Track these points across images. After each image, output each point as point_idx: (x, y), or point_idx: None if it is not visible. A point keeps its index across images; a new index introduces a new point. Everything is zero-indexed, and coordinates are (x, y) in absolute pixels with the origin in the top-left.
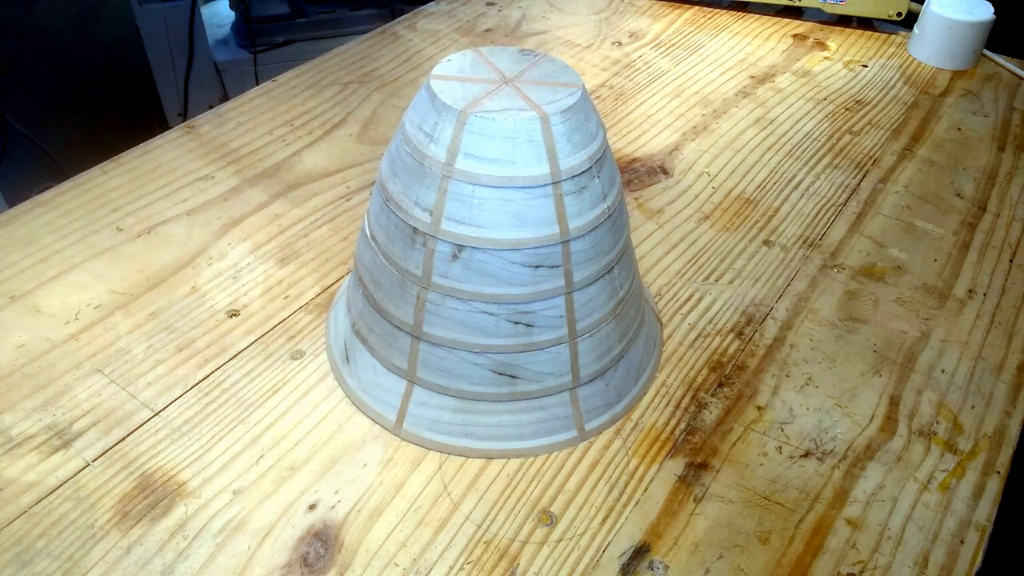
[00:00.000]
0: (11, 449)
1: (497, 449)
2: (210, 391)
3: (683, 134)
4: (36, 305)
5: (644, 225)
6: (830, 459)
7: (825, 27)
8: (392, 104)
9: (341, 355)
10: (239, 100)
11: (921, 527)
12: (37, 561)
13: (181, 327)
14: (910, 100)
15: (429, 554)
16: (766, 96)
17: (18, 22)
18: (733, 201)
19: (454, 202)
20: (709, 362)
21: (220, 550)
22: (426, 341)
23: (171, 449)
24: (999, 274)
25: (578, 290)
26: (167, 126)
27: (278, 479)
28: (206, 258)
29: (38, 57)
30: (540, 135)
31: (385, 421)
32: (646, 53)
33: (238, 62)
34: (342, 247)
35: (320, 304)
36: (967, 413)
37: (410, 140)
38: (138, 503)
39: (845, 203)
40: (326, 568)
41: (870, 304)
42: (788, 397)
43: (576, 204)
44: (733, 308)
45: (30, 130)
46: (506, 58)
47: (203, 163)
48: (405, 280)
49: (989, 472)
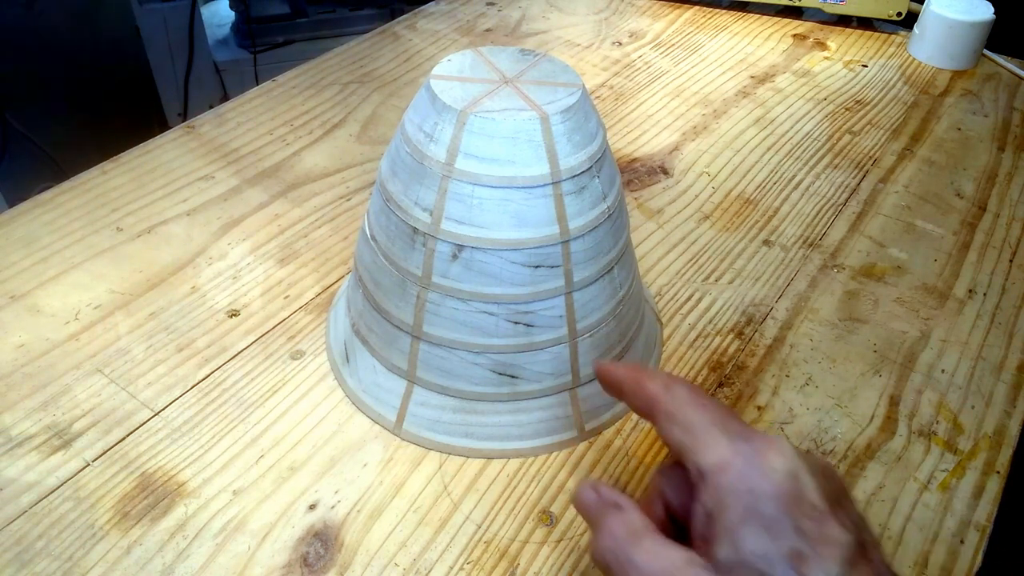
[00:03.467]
0: (11, 449)
1: (497, 449)
2: (210, 391)
3: (683, 134)
4: (36, 305)
5: (644, 225)
6: (830, 459)
7: (825, 27)
8: (392, 104)
9: (341, 355)
10: (239, 100)
11: (921, 527)
12: (37, 561)
13: (181, 327)
14: (910, 100)
15: (429, 554)
16: (766, 96)
17: (18, 22)
18: (733, 201)
19: (454, 202)
20: (709, 362)
21: (220, 550)
22: (426, 341)
23: (171, 449)
24: (999, 274)
25: (578, 290)
26: (167, 126)
27: (278, 479)
28: (206, 258)
29: (38, 57)
30: (540, 135)
31: (385, 421)
32: (646, 53)
33: (238, 62)
34: (342, 247)
35: (320, 304)
36: (967, 413)
37: (410, 140)
38: (138, 503)
39: (845, 203)
40: (326, 568)
41: (870, 304)
42: (788, 397)
43: (576, 204)
44: (733, 308)
45: (30, 130)
46: (506, 58)
47: (203, 163)
48: (405, 280)
49: (989, 472)
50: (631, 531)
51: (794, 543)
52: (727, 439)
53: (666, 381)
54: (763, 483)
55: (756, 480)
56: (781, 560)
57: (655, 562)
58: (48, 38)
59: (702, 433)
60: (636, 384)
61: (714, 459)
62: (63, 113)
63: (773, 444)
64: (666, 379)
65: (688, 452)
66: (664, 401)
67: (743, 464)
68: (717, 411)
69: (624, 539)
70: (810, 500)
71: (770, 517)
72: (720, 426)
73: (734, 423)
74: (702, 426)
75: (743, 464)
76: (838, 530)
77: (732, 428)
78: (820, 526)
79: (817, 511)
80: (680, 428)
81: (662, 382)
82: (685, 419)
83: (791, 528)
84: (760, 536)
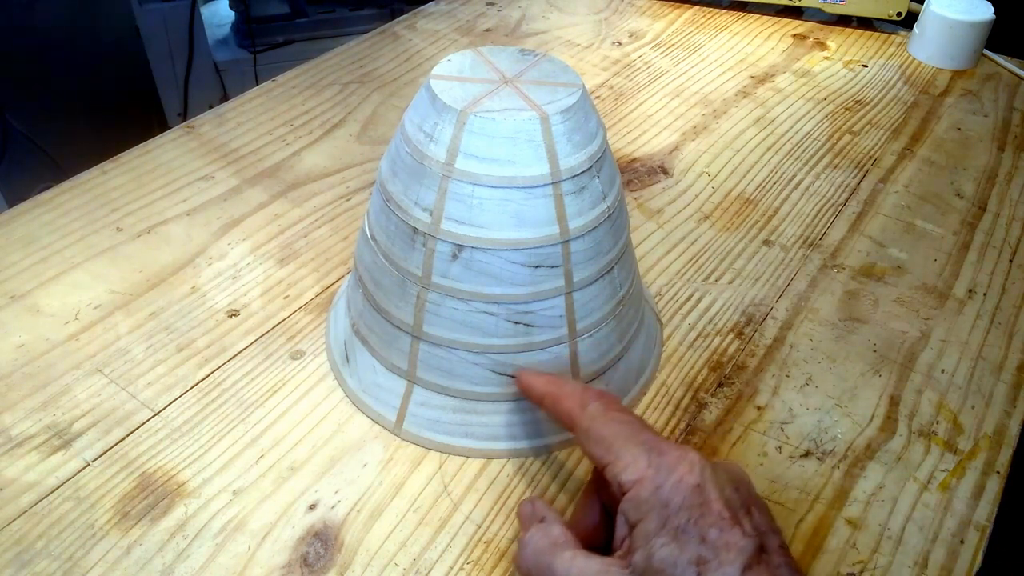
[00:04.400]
0: (11, 449)
1: (497, 449)
2: (210, 391)
3: (683, 134)
4: (36, 305)
5: (644, 225)
6: (830, 459)
7: (825, 27)
8: (392, 104)
9: (341, 355)
10: (239, 100)
11: (921, 527)
12: (37, 561)
13: (181, 327)
14: (910, 100)
15: (429, 554)
16: (766, 96)
17: (18, 22)
18: (733, 201)
19: (454, 202)
20: (709, 362)
21: (220, 550)
22: (426, 341)
23: (171, 449)
24: (999, 274)
25: (578, 290)
26: (167, 126)
27: (278, 479)
28: (206, 258)
29: (38, 57)
30: (540, 135)
31: (385, 421)
32: (646, 53)
33: (238, 62)
34: (342, 247)
35: (320, 304)
36: (967, 413)
37: (410, 140)
38: (138, 503)
39: (845, 203)
40: (326, 568)
41: (870, 304)
42: (788, 397)
43: (576, 204)
44: (733, 308)
45: (30, 130)
46: (506, 58)
47: (203, 163)
48: (405, 280)
49: (989, 472)
50: (553, 542)
51: (699, 550)
52: (643, 453)
53: (581, 398)
54: (674, 496)
55: (668, 493)
56: (686, 566)
57: (572, 570)
58: (48, 38)
59: (618, 448)
60: (553, 401)
61: (632, 474)
62: (63, 113)
63: (684, 457)
64: (581, 395)
65: (608, 467)
66: (580, 418)
67: (657, 477)
68: (630, 424)
69: (545, 550)
70: (716, 510)
71: (679, 528)
72: (634, 439)
73: (647, 434)
74: (618, 441)
75: (657, 477)
76: (739, 537)
77: (646, 441)
78: (723, 534)
79: (722, 519)
80: (597, 444)
81: (578, 400)
82: (600, 435)
83: (696, 537)
84: (669, 545)
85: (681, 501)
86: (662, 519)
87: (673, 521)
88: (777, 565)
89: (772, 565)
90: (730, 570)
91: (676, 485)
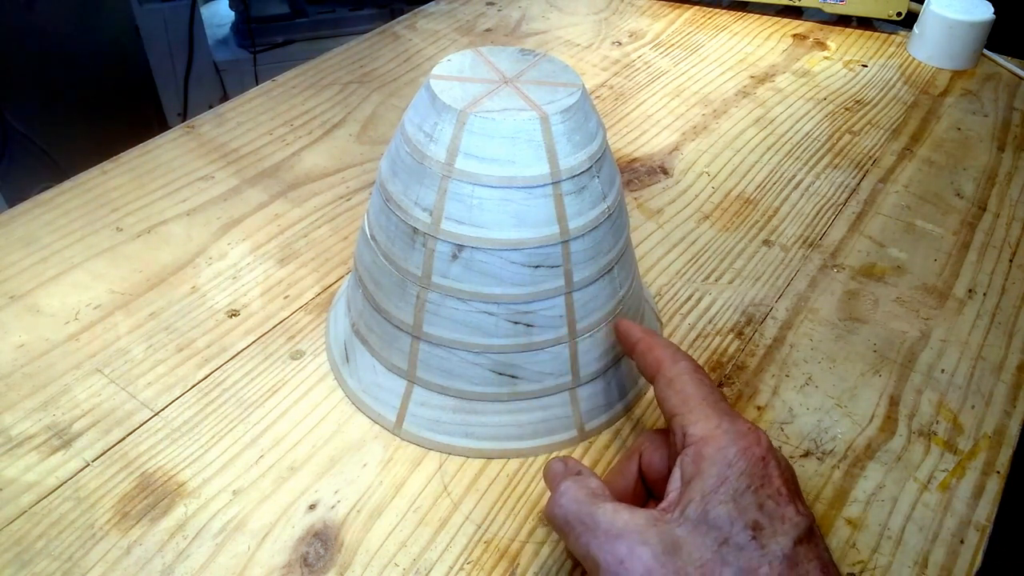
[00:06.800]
0: (11, 449)
1: (497, 449)
2: (210, 391)
3: (683, 134)
4: (36, 305)
5: (644, 225)
6: (830, 459)
7: (825, 27)
8: (392, 104)
9: (341, 355)
10: (239, 100)
11: (921, 527)
12: (37, 561)
13: (181, 327)
14: (910, 100)
15: (429, 554)
16: (766, 96)
17: (18, 22)
18: (733, 201)
19: (454, 202)
20: (709, 362)
21: (220, 550)
22: (426, 341)
23: (171, 449)
24: (999, 274)
25: (578, 290)
26: (167, 126)
27: (278, 479)
28: (206, 258)
29: (38, 57)
30: (540, 135)
31: (385, 421)
32: (646, 53)
33: (238, 62)
34: (342, 247)
35: (320, 304)
36: (967, 413)
37: (410, 140)
38: (138, 503)
39: (845, 203)
40: (326, 568)
41: (870, 304)
42: (788, 397)
43: (576, 204)
44: (733, 308)
45: (30, 130)
46: (506, 58)
47: (203, 163)
48: (405, 280)
49: (989, 472)
50: (592, 493)
51: (756, 516)
52: (716, 416)
53: (674, 352)
54: (739, 461)
55: (734, 457)
56: (742, 529)
57: (618, 520)
58: (48, 38)
59: (695, 404)
60: (647, 347)
61: (701, 430)
62: (63, 113)
63: (754, 431)
64: (675, 350)
65: (679, 418)
66: (668, 367)
67: (725, 440)
68: (712, 391)
69: (585, 499)
70: (775, 484)
71: (738, 490)
72: (712, 402)
73: (725, 404)
74: (696, 399)
75: (725, 440)
76: (794, 513)
77: (723, 408)
78: (779, 507)
79: (780, 495)
80: (676, 395)
81: (671, 353)
82: (683, 388)
83: (755, 504)
84: (728, 504)
85: (745, 467)
86: (722, 478)
87: (733, 483)
88: (824, 548)
89: (819, 548)
90: (784, 540)
91: (743, 451)
